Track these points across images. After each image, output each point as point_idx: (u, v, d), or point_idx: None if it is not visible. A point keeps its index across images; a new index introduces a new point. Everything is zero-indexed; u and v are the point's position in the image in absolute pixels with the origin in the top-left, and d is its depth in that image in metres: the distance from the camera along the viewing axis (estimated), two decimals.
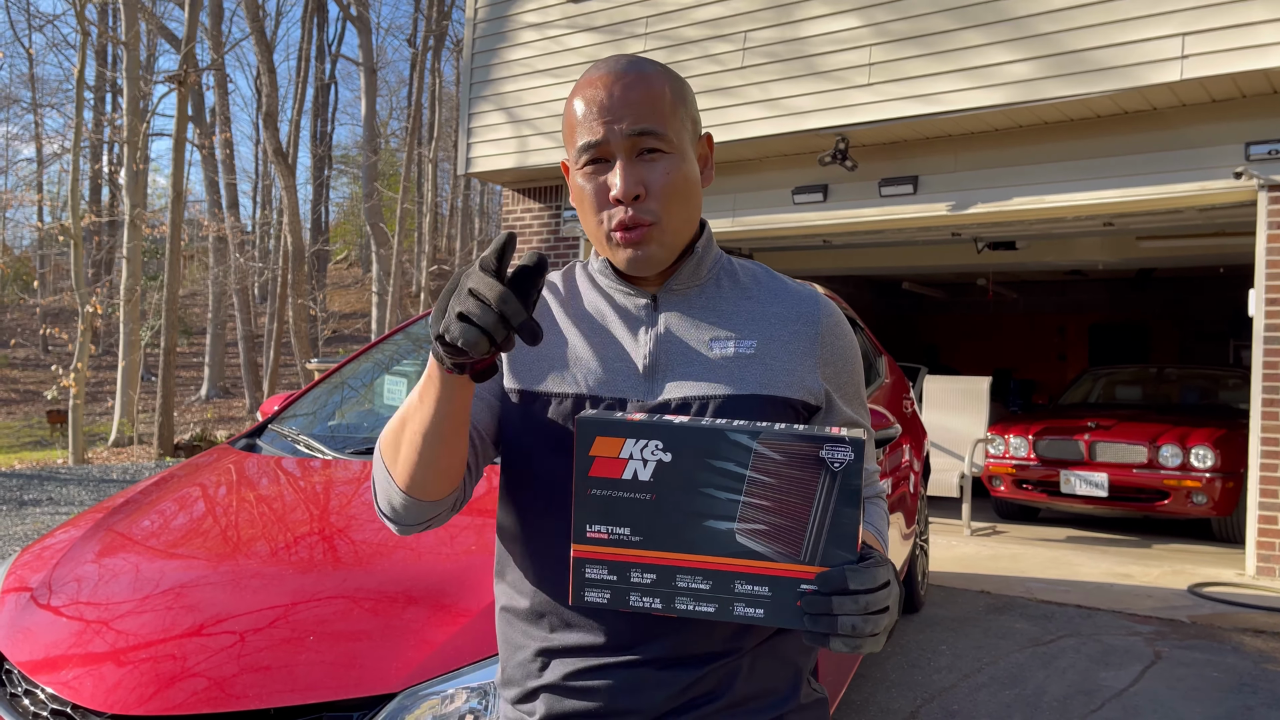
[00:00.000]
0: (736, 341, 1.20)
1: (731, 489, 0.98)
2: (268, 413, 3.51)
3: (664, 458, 0.99)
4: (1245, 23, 5.70)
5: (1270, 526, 6.02)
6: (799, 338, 1.22)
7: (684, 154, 1.20)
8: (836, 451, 0.97)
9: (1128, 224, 7.63)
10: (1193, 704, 3.91)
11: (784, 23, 7.31)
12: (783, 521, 0.98)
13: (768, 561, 0.98)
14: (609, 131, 1.16)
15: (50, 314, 28.45)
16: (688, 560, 0.99)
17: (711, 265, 1.27)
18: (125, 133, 15.93)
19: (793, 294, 1.27)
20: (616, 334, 1.22)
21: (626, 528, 1.00)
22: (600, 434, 0.99)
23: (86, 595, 2.15)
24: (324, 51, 31.83)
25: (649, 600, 1.00)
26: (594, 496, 1.00)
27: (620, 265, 1.20)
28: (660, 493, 0.99)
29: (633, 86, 1.17)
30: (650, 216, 1.16)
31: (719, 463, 0.98)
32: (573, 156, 1.20)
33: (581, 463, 1.00)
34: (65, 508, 8.40)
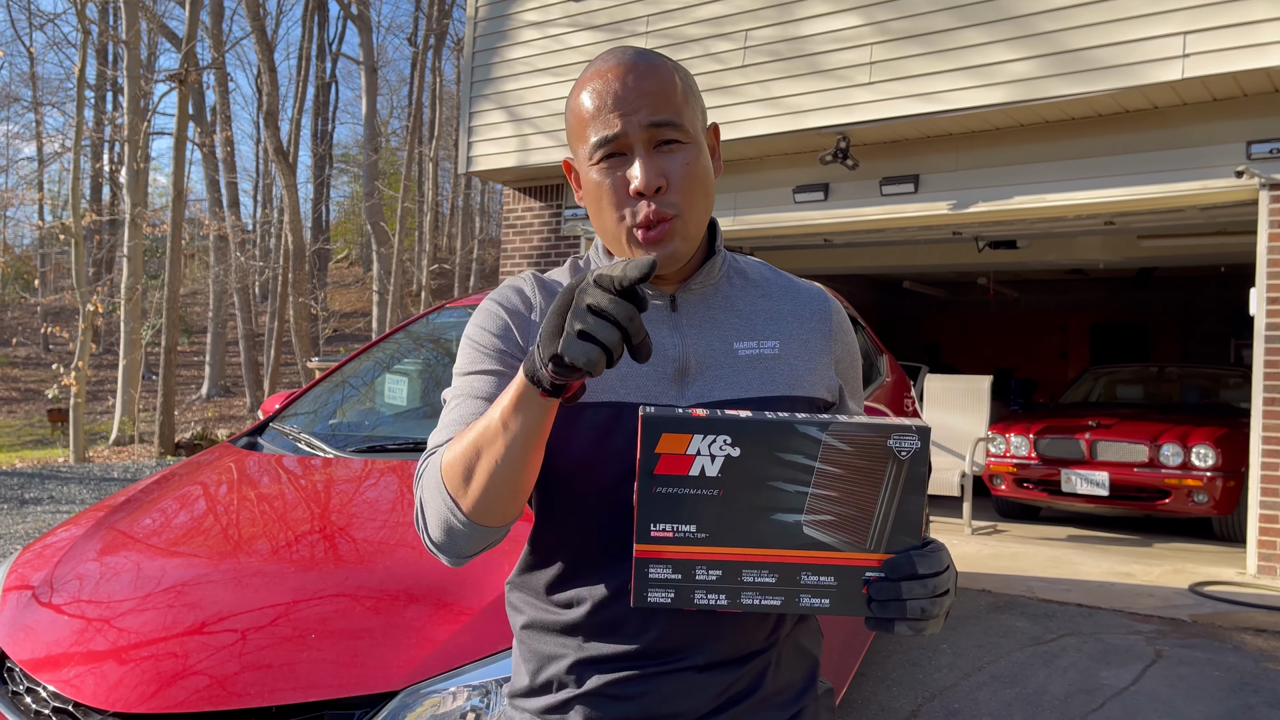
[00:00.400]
0: (760, 342, 1.19)
1: (800, 481, 0.97)
2: (269, 411, 3.51)
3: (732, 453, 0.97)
4: (1246, 21, 5.69)
5: (1271, 525, 6.02)
6: (815, 335, 1.23)
7: (700, 144, 1.18)
8: (904, 440, 0.97)
9: (1129, 223, 7.62)
10: (1194, 703, 3.91)
11: (785, 21, 7.30)
12: (850, 511, 0.98)
13: (834, 552, 0.98)
14: (626, 123, 1.13)
15: (51, 313, 28.47)
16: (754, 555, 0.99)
17: (724, 263, 1.26)
18: (126, 131, 15.93)
19: (803, 292, 1.28)
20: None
21: (693, 525, 0.98)
22: (666, 430, 0.97)
23: (88, 593, 2.15)
24: (324, 50, 31.83)
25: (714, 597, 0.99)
26: (659, 495, 0.98)
27: None
28: (728, 488, 0.97)
29: (646, 76, 1.14)
30: (673, 210, 1.14)
31: (788, 456, 0.97)
32: (585, 152, 1.17)
33: (646, 461, 0.97)
34: (66, 506, 8.41)
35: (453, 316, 3.89)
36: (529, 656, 1.21)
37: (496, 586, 1.95)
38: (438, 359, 3.83)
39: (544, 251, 9.31)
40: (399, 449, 2.87)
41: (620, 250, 1.18)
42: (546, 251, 9.29)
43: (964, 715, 3.75)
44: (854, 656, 3.31)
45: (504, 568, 1.99)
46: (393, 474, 2.70)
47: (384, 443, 2.98)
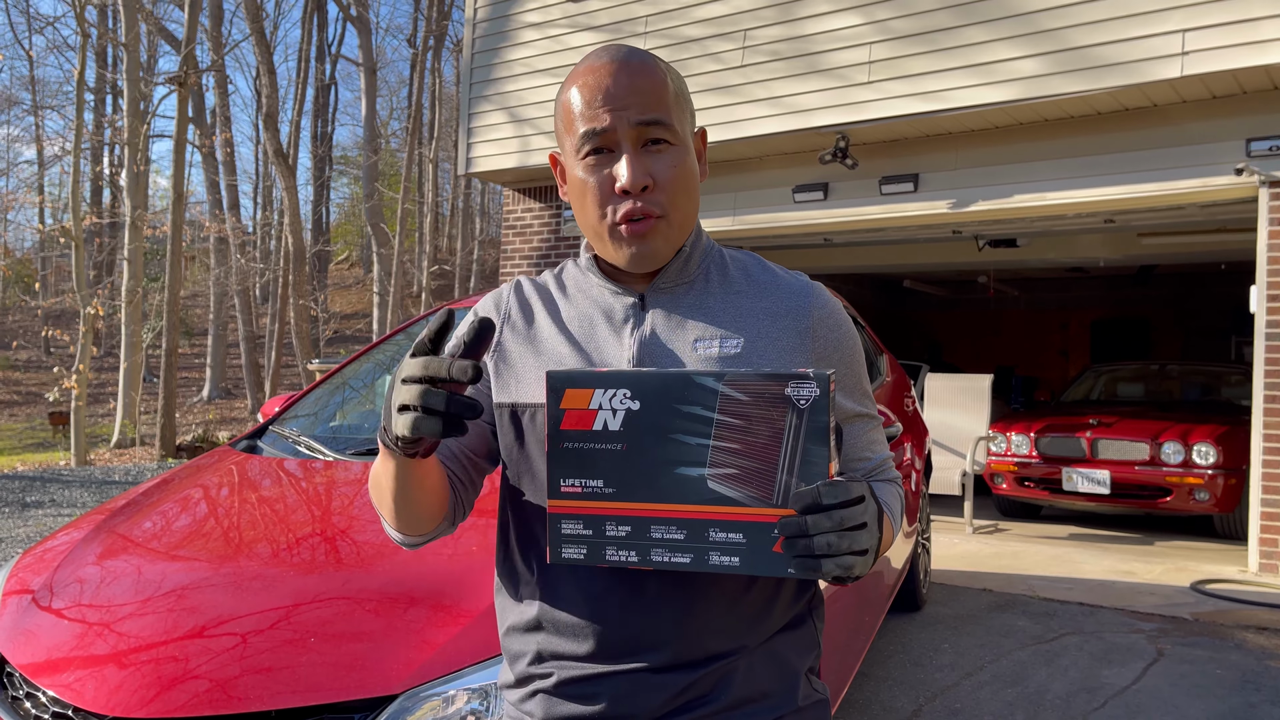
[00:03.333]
0: (722, 340, 1.16)
1: (701, 434, 0.98)
2: (269, 414, 3.51)
3: (632, 406, 0.99)
4: (1246, 19, 5.69)
5: (1273, 523, 6.02)
6: (788, 333, 1.18)
7: (688, 147, 1.17)
8: (802, 389, 0.96)
9: (1129, 221, 7.62)
10: (1196, 701, 3.90)
11: (785, 20, 7.30)
12: (753, 464, 0.97)
13: (740, 507, 0.97)
14: (615, 119, 1.12)
15: (52, 316, 28.48)
16: (661, 510, 0.99)
17: (701, 260, 1.23)
18: (126, 134, 15.94)
19: (783, 287, 1.23)
20: (602, 336, 1.19)
21: (600, 480, 1.00)
22: (569, 386, 1.00)
23: (88, 598, 2.15)
24: (324, 52, 31.84)
25: (624, 554, 1.00)
26: (566, 450, 1.00)
27: (621, 262, 1.17)
28: (631, 441, 0.99)
29: (638, 74, 1.14)
30: (658, 209, 1.14)
31: (687, 407, 0.98)
32: (572, 146, 1.17)
33: (553, 417, 1.00)
34: (68, 509, 8.41)
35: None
36: (507, 651, 1.25)
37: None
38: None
39: (544, 253, 9.30)
40: None
41: (601, 247, 1.18)
42: (546, 253, 9.29)
43: (966, 715, 3.75)
44: (854, 657, 3.31)
45: None
46: None
47: None
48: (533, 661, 1.19)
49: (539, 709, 1.18)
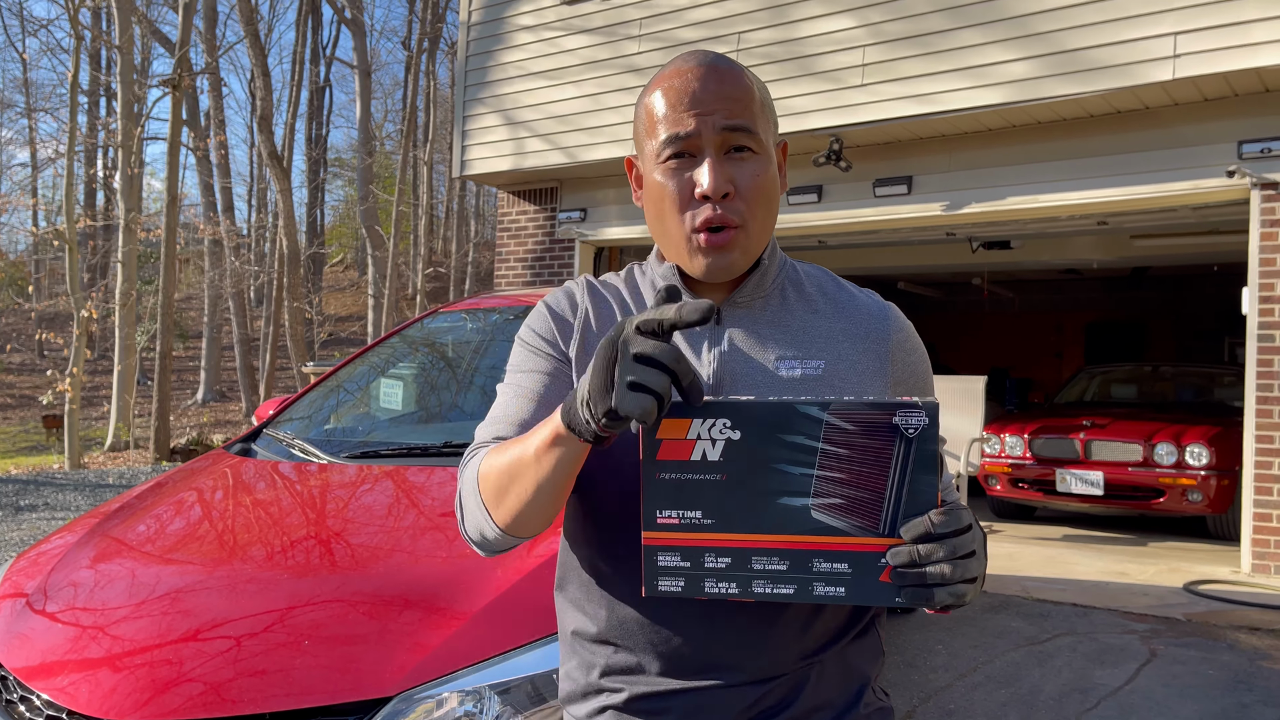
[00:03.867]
0: (803, 362, 1.14)
1: (804, 463, 0.95)
2: (263, 417, 3.51)
3: (733, 435, 0.96)
4: (1237, 21, 5.72)
5: (1265, 524, 6.04)
6: (868, 356, 1.17)
7: (770, 157, 1.15)
8: (910, 418, 0.94)
9: (1122, 223, 7.64)
10: (1188, 701, 3.92)
11: (779, 23, 7.32)
12: (859, 494, 0.95)
13: (846, 537, 0.96)
14: (701, 124, 1.10)
15: (46, 319, 28.40)
16: (762, 541, 0.97)
17: (776, 275, 1.21)
18: (120, 137, 15.92)
19: (861, 308, 1.21)
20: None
21: (698, 511, 0.97)
22: (666, 416, 0.96)
23: (82, 601, 2.15)
24: (319, 54, 31.83)
25: (724, 585, 0.97)
26: (663, 480, 0.97)
27: (697, 271, 1.13)
28: (731, 472, 0.96)
29: (726, 79, 1.12)
30: (737, 218, 1.11)
31: (790, 437, 0.95)
32: (652, 149, 1.14)
33: (649, 446, 0.97)
34: (61, 513, 8.40)
35: (447, 321, 3.90)
36: (573, 663, 1.22)
37: (490, 591, 1.96)
38: (432, 363, 3.83)
39: (538, 255, 9.31)
40: (393, 454, 2.87)
41: (677, 256, 1.15)
42: (541, 255, 9.29)
43: (959, 716, 3.76)
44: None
45: (496, 572, 2.00)
46: (388, 479, 2.70)
47: (379, 448, 2.98)
48: (603, 674, 1.17)
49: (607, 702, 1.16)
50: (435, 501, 2.57)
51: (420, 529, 2.39)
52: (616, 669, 1.16)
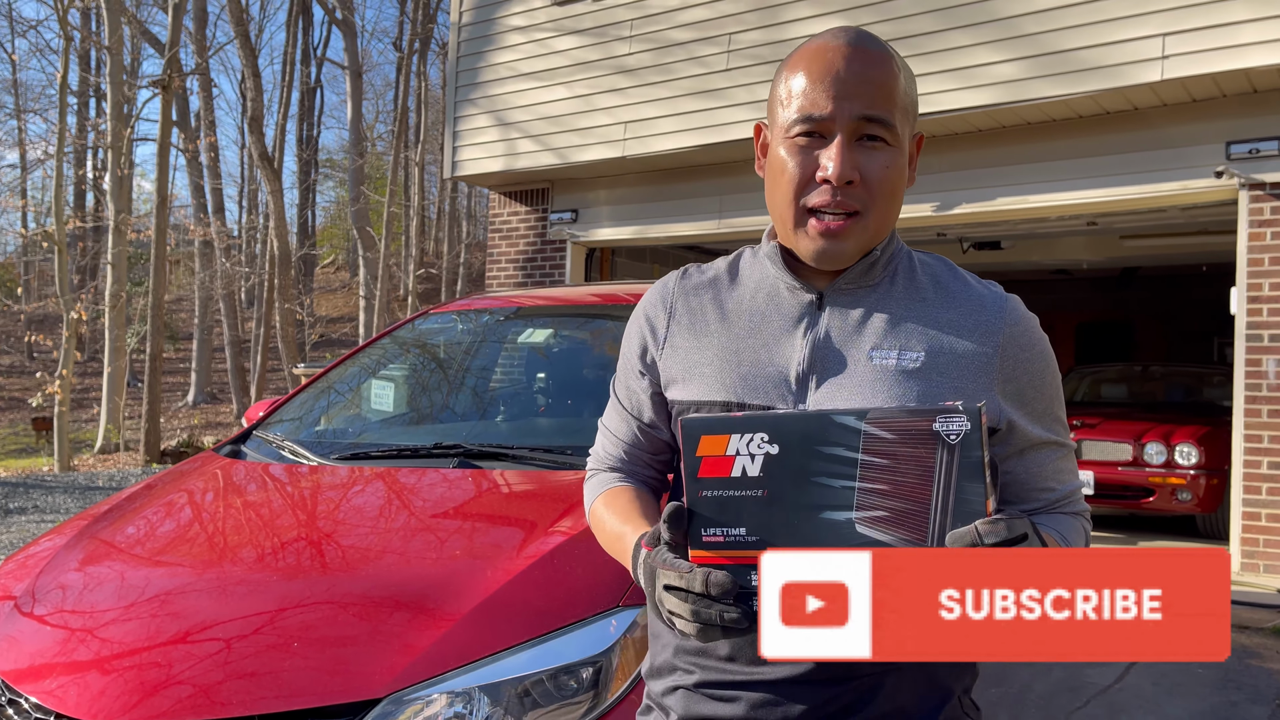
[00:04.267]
0: (901, 352, 1.09)
1: (845, 475, 0.93)
2: (253, 418, 3.50)
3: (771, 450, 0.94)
4: (1225, 23, 5.74)
5: (1254, 523, 6.07)
6: (975, 350, 1.10)
7: (903, 150, 1.12)
8: (951, 424, 0.91)
9: (1111, 223, 7.67)
10: (1177, 700, 3.94)
11: (769, 25, 7.33)
12: (904, 505, 0.93)
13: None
14: (838, 108, 1.06)
15: (35, 320, 28.27)
16: None
17: (887, 263, 1.16)
18: (109, 138, 15.86)
19: (974, 299, 1.15)
20: (774, 333, 1.14)
21: (742, 528, 0.96)
22: (705, 433, 0.96)
23: (70, 604, 2.15)
24: (309, 55, 31.74)
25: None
26: (706, 499, 0.96)
27: (806, 254, 1.11)
28: (772, 487, 0.94)
29: (872, 64, 1.08)
30: (858, 204, 1.08)
31: (828, 449, 0.93)
32: (784, 120, 1.10)
33: (690, 465, 0.96)
34: (51, 515, 8.36)
35: (439, 322, 3.89)
36: (652, 638, 1.25)
37: (481, 592, 1.96)
38: (424, 364, 3.83)
39: (530, 256, 9.30)
40: (384, 456, 2.86)
41: (786, 235, 1.13)
42: (533, 256, 9.29)
43: None
44: None
45: (487, 573, 2.00)
46: (379, 481, 2.70)
47: (369, 450, 2.97)
48: (676, 653, 1.18)
49: (679, 705, 1.17)
50: (426, 503, 2.57)
51: (411, 530, 2.39)
52: (689, 649, 1.16)
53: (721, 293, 1.20)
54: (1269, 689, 4.09)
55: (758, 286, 1.18)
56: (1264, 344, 6.08)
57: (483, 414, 3.43)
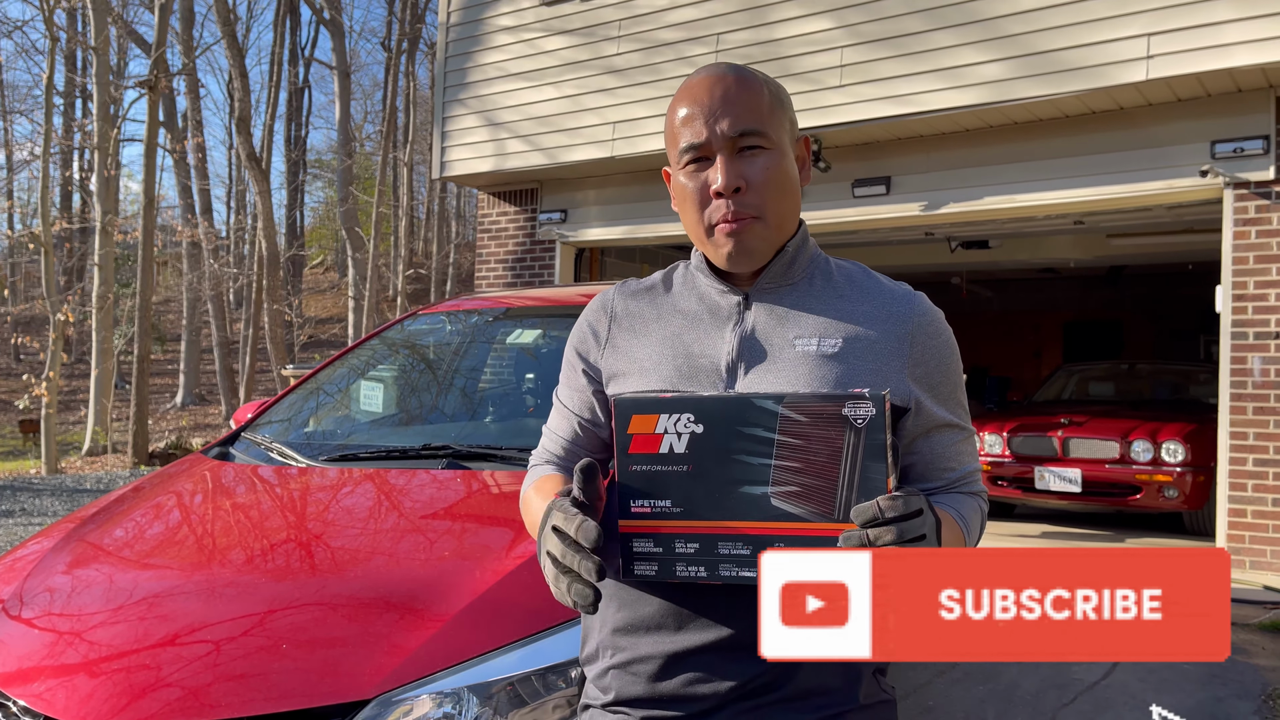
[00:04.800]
0: (820, 339, 1.21)
1: (763, 454, 1.01)
2: (241, 420, 3.50)
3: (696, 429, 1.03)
4: (1209, 22, 5.78)
5: (1239, 520, 6.11)
6: (887, 336, 1.22)
7: (784, 151, 1.24)
8: (859, 409, 1.00)
9: (1098, 222, 7.71)
10: (1164, 696, 3.96)
11: (757, 25, 7.34)
12: (814, 482, 1.01)
13: (803, 522, 1.01)
14: (711, 132, 1.20)
15: (21, 322, 28.12)
16: (728, 528, 1.02)
17: (807, 264, 1.29)
18: (96, 138, 15.78)
19: (886, 294, 1.27)
20: (705, 332, 1.25)
21: (668, 500, 1.04)
22: (636, 412, 1.04)
23: (58, 607, 2.14)
24: (297, 55, 31.65)
25: (694, 569, 1.04)
26: (635, 473, 1.04)
27: (720, 261, 1.24)
28: (696, 463, 1.03)
29: (733, 88, 1.22)
30: (752, 210, 1.21)
31: (748, 429, 1.02)
32: (675, 157, 1.25)
33: (621, 441, 1.05)
34: (39, 518, 8.32)
35: (428, 323, 3.89)
36: (585, 628, 1.31)
37: (470, 593, 1.96)
38: (413, 365, 3.83)
39: (519, 256, 9.30)
40: (373, 457, 2.86)
41: (704, 247, 1.26)
42: (522, 256, 9.28)
43: (939, 712, 3.79)
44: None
45: (476, 573, 2.00)
46: (368, 482, 2.70)
47: (358, 451, 2.97)
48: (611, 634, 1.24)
49: (615, 685, 1.23)
50: (415, 504, 2.57)
51: (400, 531, 2.39)
52: (620, 627, 1.23)
53: (658, 299, 1.32)
54: (1255, 684, 4.13)
55: (690, 293, 1.31)
56: (1249, 341, 6.12)
57: (472, 415, 3.43)
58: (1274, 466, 6.02)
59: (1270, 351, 6.06)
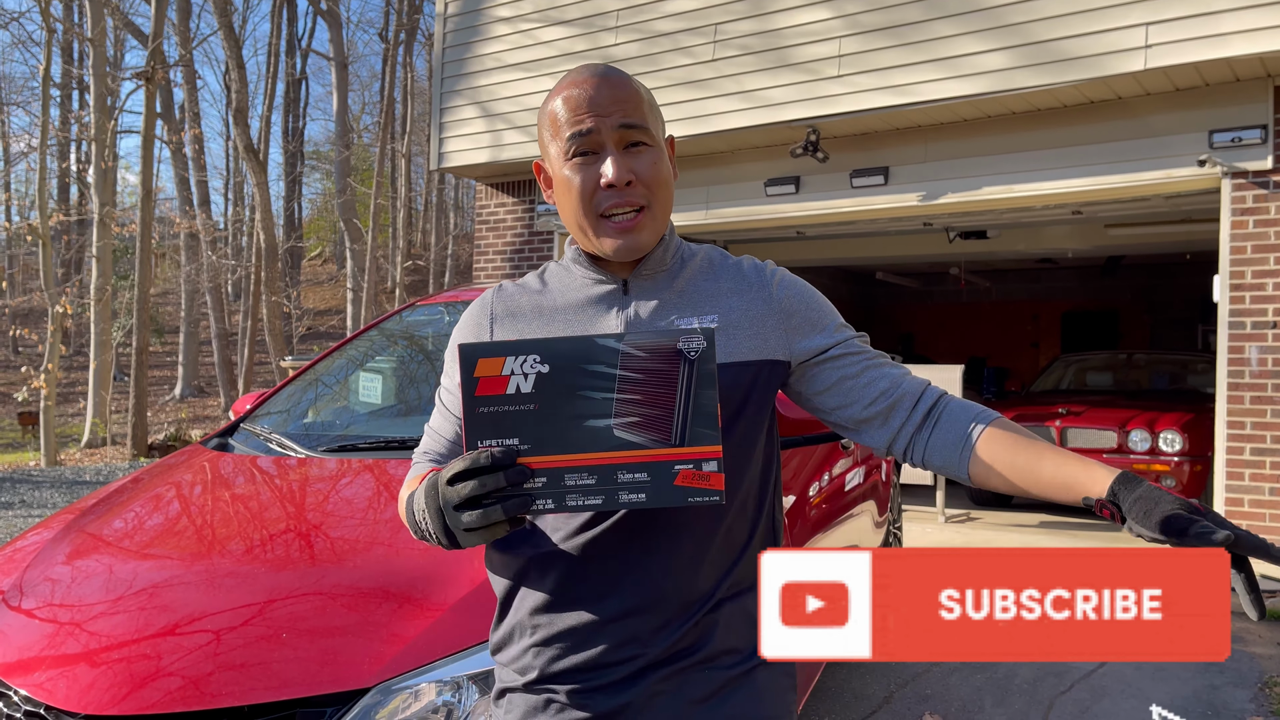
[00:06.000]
0: (700, 317, 1.29)
1: (605, 389, 1.08)
2: (240, 412, 3.50)
3: (542, 369, 1.08)
4: (1207, 12, 5.77)
5: (1237, 508, 6.13)
6: (756, 303, 1.32)
7: (662, 150, 1.30)
8: (691, 342, 1.08)
9: (1096, 212, 7.71)
10: (1159, 684, 3.98)
11: (755, 15, 7.33)
12: (653, 412, 1.08)
13: (644, 450, 1.08)
14: (600, 123, 1.25)
15: (20, 315, 28.09)
16: (574, 460, 1.08)
17: (675, 252, 1.37)
18: (93, 130, 15.75)
19: (742, 270, 1.37)
20: (590, 320, 1.31)
21: (515, 438, 1.08)
22: (482, 356, 1.08)
23: (59, 597, 2.15)
24: (294, 46, 31.55)
25: (542, 502, 1.08)
26: (482, 414, 1.08)
27: (608, 251, 1.28)
28: (542, 401, 1.08)
29: (617, 86, 1.27)
30: (642, 200, 1.26)
31: (592, 366, 1.08)
32: (559, 149, 1.28)
33: (467, 385, 1.08)
34: (38, 510, 8.33)
35: (425, 314, 3.90)
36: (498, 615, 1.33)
37: (468, 583, 1.97)
38: (411, 356, 3.83)
39: (518, 247, 9.30)
40: (372, 448, 2.87)
41: (587, 240, 1.30)
42: (520, 247, 9.28)
43: (936, 700, 3.81)
44: None
45: (474, 563, 2.01)
46: (367, 473, 2.71)
47: (357, 441, 2.98)
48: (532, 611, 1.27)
49: (536, 662, 1.26)
50: None
51: (399, 522, 2.40)
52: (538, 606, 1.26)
53: (536, 297, 1.37)
54: (1251, 673, 4.15)
55: (568, 286, 1.35)
56: (1247, 331, 6.13)
57: None
58: (1271, 455, 6.03)
59: (1268, 341, 6.07)
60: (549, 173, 1.34)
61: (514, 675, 1.29)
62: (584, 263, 1.34)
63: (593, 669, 1.23)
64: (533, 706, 1.27)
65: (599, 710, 1.23)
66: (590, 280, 1.33)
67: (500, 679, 1.33)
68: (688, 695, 1.24)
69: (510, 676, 1.30)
